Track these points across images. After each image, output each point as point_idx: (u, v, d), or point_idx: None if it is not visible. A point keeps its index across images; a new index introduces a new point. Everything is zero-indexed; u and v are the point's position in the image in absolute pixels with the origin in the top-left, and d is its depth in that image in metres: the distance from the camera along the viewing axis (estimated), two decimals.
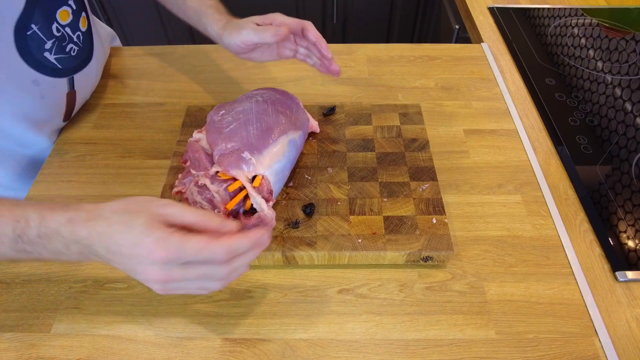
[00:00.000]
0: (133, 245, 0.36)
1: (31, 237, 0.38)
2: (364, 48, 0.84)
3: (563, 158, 0.65)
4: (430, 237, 0.52)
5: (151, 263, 0.36)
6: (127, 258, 0.37)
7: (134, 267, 0.37)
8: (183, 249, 0.36)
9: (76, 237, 0.38)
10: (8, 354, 0.47)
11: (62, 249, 0.38)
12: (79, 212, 0.38)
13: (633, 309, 0.50)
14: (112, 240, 0.37)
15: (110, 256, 0.38)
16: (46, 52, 0.59)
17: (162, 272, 0.37)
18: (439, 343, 0.48)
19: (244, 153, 0.51)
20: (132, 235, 0.36)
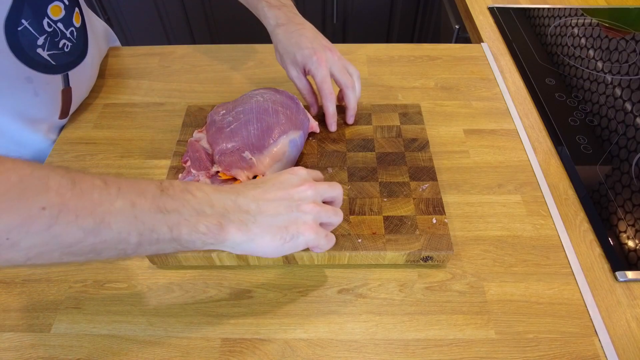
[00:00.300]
0: (281, 173, 0.43)
1: (177, 191, 0.37)
2: (364, 48, 0.84)
3: (563, 158, 0.65)
4: (430, 237, 0.52)
5: (298, 177, 0.43)
6: (278, 185, 0.42)
7: (287, 190, 0.42)
8: (306, 170, 0.45)
9: (220, 193, 0.39)
10: (8, 354, 0.47)
11: (205, 206, 0.37)
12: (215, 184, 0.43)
13: (633, 309, 0.50)
14: (260, 182, 0.42)
15: (260, 195, 0.41)
16: (39, 49, 0.58)
17: (308, 180, 0.44)
18: (439, 343, 0.48)
19: (244, 153, 0.52)
20: (286, 174, 0.44)
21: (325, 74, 0.59)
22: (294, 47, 0.60)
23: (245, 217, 0.39)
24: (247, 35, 1.68)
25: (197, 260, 0.52)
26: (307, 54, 0.59)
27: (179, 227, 0.36)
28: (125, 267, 0.53)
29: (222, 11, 1.62)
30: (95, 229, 0.33)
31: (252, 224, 0.39)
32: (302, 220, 0.41)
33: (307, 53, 0.59)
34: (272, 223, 0.40)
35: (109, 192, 0.33)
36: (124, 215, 0.34)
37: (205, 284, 0.52)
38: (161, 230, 0.35)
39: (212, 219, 0.37)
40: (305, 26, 0.62)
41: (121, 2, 1.56)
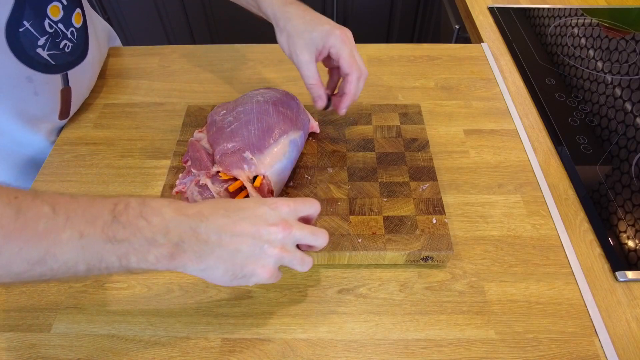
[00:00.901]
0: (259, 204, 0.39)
1: (130, 217, 0.35)
2: (364, 48, 0.84)
3: (563, 158, 0.65)
4: (430, 237, 0.52)
5: (277, 214, 0.39)
6: (250, 219, 0.38)
7: (257, 227, 0.38)
8: (302, 200, 0.41)
9: (181, 217, 0.36)
10: (8, 354, 0.47)
11: (159, 236, 0.35)
12: (180, 201, 0.39)
13: (633, 309, 0.50)
14: (232, 209, 0.38)
15: (225, 228, 0.37)
16: (39, 49, 0.58)
17: (286, 221, 0.39)
18: (439, 343, 0.48)
19: (245, 153, 0.51)
20: (252, 199, 0.41)
21: (352, 50, 0.54)
22: (310, 25, 0.54)
23: (201, 247, 0.37)
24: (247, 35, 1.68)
25: None
26: (327, 30, 0.53)
27: (127, 256, 0.35)
28: None
29: (222, 11, 1.62)
30: (40, 261, 0.32)
31: (208, 256, 0.37)
32: (261, 262, 0.39)
33: (327, 29, 0.53)
34: (229, 258, 0.38)
35: (57, 222, 0.32)
36: (71, 247, 0.33)
37: (205, 284, 0.52)
38: (109, 260, 0.35)
39: (163, 248, 0.36)
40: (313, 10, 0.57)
41: (121, 2, 1.56)
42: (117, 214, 0.34)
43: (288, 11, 0.54)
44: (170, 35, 1.69)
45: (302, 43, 0.54)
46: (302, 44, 0.54)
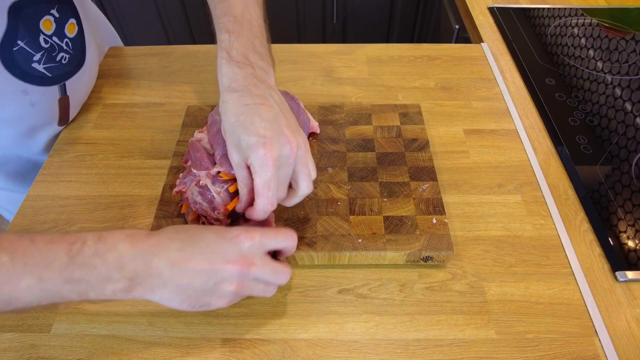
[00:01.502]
0: (219, 237, 0.38)
1: (86, 257, 0.36)
2: (364, 48, 0.84)
3: (563, 158, 0.65)
4: (430, 237, 0.52)
5: (237, 250, 0.38)
6: (206, 254, 0.38)
7: (212, 264, 0.38)
8: (264, 232, 0.39)
9: (136, 251, 0.37)
10: (8, 354, 0.47)
11: (114, 272, 0.36)
12: (139, 230, 0.39)
13: (633, 309, 0.50)
14: (189, 241, 0.38)
15: (178, 263, 0.37)
16: (35, 64, 0.57)
17: (245, 258, 0.38)
18: (439, 343, 0.48)
19: None
20: (215, 230, 0.39)
21: (268, 179, 0.43)
22: (241, 128, 0.43)
23: (155, 281, 0.37)
24: None
25: None
26: (253, 143, 0.42)
27: (86, 293, 0.37)
28: None
29: None
30: (6, 303, 0.35)
31: (162, 288, 0.38)
32: (217, 295, 0.39)
33: (253, 142, 0.42)
34: (183, 291, 0.38)
35: (15, 269, 0.34)
36: (32, 291, 0.35)
37: None
38: (70, 296, 0.37)
39: (119, 283, 0.37)
40: (268, 101, 0.45)
41: (121, 2, 1.56)
42: (73, 254, 0.36)
43: (226, 101, 0.45)
44: (170, 35, 1.69)
45: (232, 143, 0.45)
46: (231, 144, 0.45)
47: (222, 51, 0.47)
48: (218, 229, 0.40)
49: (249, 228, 0.41)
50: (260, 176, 0.43)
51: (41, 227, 0.57)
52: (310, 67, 0.80)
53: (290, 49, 0.83)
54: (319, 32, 1.69)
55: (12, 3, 0.53)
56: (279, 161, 0.43)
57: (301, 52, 0.83)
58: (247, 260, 0.39)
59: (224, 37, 0.48)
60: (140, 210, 0.58)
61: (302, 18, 1.63)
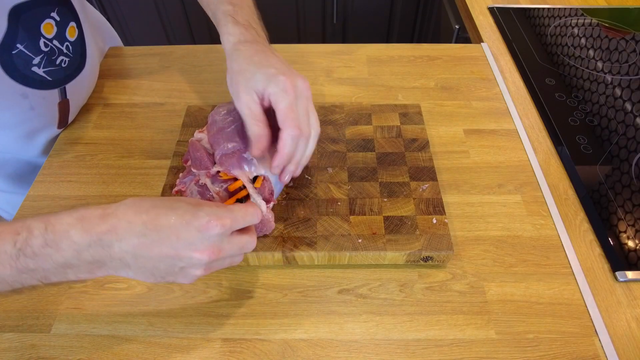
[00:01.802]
0: (185, 223, 0.35)
1: (35, 248, 0.34)
2: (364, 48, 0.84)
3: (563, 158, 0.65)
4: (430, 237, 0.52)
5: (205, 238, 0.36)
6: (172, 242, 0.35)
7: (178, 252, 0.36)
8: (234, 217, 0.37)
9: (92, 237, 0.34)
10: (8, 354, 0.47)
11: (71, 259, 0.35)
12: (91, 210, 0.36)
13: (633, 309, 0.50)
14: (151, 226, 0.35)
15: (140, 250, 0.35)
16: (34, 67, 0.57)
17: (214, 246, 0.36)
18: (439, 343, 0.48)
19: (245, 153, 0.51)
20: (180, 213, 0.35)
21: (292, 102, 0.45)
22: (256, 66, 0.46)
23: (117, 264, 0.36)
24: None
25: None
26: (271, 73, 0.45)
27: (47, 278, 0.35)
28: None
29: None
30: None
31: (126, 268, 0.37)
32: (183, 275, 0.38)
33: (272, 72, 0.45)
34: (148, 271, 0.37)
35: None
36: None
37: (205, 284, 0.52)
38: (32, 282, 0.35)
39: (79, 268, 0.35)
40: (273, 52, 0.49)
41: (121, 2, 1.56)
42: (20, 246, 0.34)
43: (238, 49, 0.48)
44: (170, 35, 1.69)
45: (244, 82, 0.46)
46: (243, 82, 0.46)
47: (227, 17, 0.51)
48: (183, 211, 0.36)
49: (218, 211, 0.37)
50: (283, 100, 0.44)
51: None
52: (310, 67, 0.80)
53: (290, 49, 0.83)
54: (319, 32, 1.69)
55: (13, 6, 0.53)
56: (296, 90, 0.45)
57: (301, 52, 0.83)
58: (216, 247, 0.37)
59: (227, 9, 0.52)
60: None
61: (302, 18, 1.63)
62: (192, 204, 0.38)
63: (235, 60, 0.48)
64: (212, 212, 0.37)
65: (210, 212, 0.37)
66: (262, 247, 0.51)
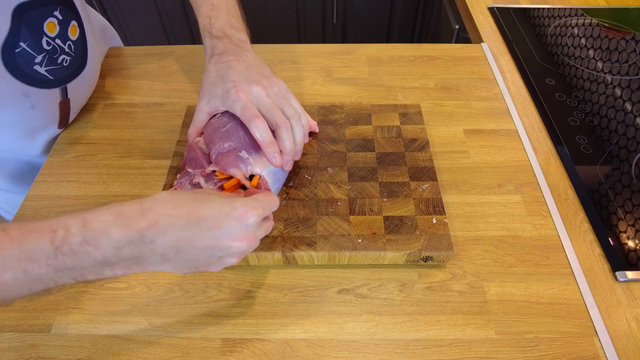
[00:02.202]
0: (225, 214, 0.37)
1: (74, 246, 0.33)
2: (364, 48, 0.84)
3: (563, 158, 0.65)
4: (430, 237, 0.52)
5: (244, 227, 0.38)
6: (213, 232, 0.36)
7: (219, 242, 0.37)
8: (264, 205, 0.40)
9: (133, 233, 0.34)
10: (8, 354, 0.47)
11: (111, 256, 0.34)
12: (128, 206, 0.35)
13: (633, 309, 0.50)
14: (194, 219, 0.36)
15: (184, 242, 0.36)
16: (36, 66, 0.57)
17: (251, 234, 0.39)
18: (439, 343, 0.48)
19: (241, 152, 0.51)
20: (218, 205, 0.37)
21: (246, 104, 0.49)
22: (217, 80, 0.51)
23: (157, 258, 0.36)
24: None
25: None
26: (227, 88, 0.50)
27: (83, 276, 0.35)
28: None
29: None
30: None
31: (165, 263, 0.37)
32: (217, 265, 0.40)
33: (227, 87, 0.50)
34: (185, 263, 0.38)
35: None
36: (19, 283, 0.33)
37: (205, 284, 0.52)
38: (65, 281, 0.35)
39: (118, 266, 0.36)
40: (242, 57, 0.53)
41: (121, 2, 1.56)
42: (58, 244, 0.33)
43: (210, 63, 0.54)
44: (170, 35, 1.69)
45: (206, 93, 0.53)
46: (205, 94, 0.53)
47: (204, 32, 0.57)
48: (220, 204, 0.38)
49: (250, 201, 0.40)
50: (237, 107, 0.49)
51: None
52: (310, 67, 0.80)
53: (290, 49, 0.83)
54: (319, 32, 1.69)
55: (16, 5, 0.53)
56: (251, 96, 0.49)
57: (301, 52, 0.83)
58: (252, 235, 0.40)
59: (205, 22, 0.57)
60: None
61: (302, 18, 1.63)
62: (223, 196, 0.41)
63: (206, 74, 0.54)
64: (246, 203, 0.39)
65: (244, 202, 0.39)
66: (262, 247, 0.51)
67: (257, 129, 0.48)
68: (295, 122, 0.51)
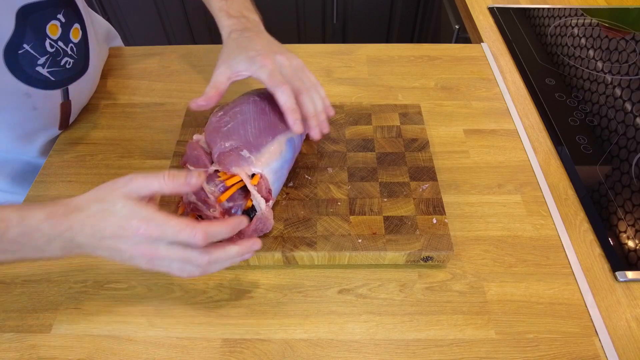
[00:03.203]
0: (119, 227, 0.39)
1: (12, 236, 0.39)
2: (364, 48, 0.84)
3: (563, 158, 0.65)
4: (430, 237, 0.52)
5: (137, 241, 0.39)
6: (112, 241, 0.40)
7: (119, 247, 0.40)
8: (164, 229, 0.39)
9: (57, 231, 0.39)
10: (8, 354, 0.47)
11: (43, 246, 0.40)
12: (57, 207, 0.40)
13: (633, 309, 0.50)
14: (96, 228, 0.39)
15: (94, 242, 0.40)
16: (39, 67, 0.57)
17: (148, 248, 0.40)
18: (439, 343, 0.48)
19: (242, 151, 0.52)
20: (116, 219, 0.39)
21: (273, 71, 0.51)
22: (239, 50, 0.53)
23: (87, 249, 0.41)
24: None
25: None
26: (251, 56, 0.52)
27: (27, 257, 0.41)
28: (125, 268, 0.53)
29: None
30: None
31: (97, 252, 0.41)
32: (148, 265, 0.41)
33: (251, 55, 0.52)
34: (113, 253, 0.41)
35: None
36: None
37: (205, 284, 0.52)
38: (11, 258, 0.41)
39: (55, 251, 0.40)
40: (261, 35, 0.56)
41: (121, 2, 1.56)
42: (1, 233, 0.39)
43: (230, 37, 0.55)
44: (170, 35, 1.69)
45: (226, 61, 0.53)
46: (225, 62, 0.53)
47: (221, 11, 0.58)
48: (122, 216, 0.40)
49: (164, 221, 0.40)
50: (263, 73, 0.51)
51: None
52: (310, 67, 0.79)
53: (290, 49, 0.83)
54: (319, 32, 1.69)
55: (20, 7, 0.53)
56: (275, 62, 0.52)
57: (301, 52, 0.83)
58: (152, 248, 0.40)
59: (220, 4, 0.58)
60: None
61: (302, 18, 1.63)
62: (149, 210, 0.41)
63: (226, 46, 0.55)
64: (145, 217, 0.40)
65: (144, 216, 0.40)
66: (262, 248, 0.51)
67: (283, 95, 0.51)
68: (314, 92, 0.54)
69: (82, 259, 0.54)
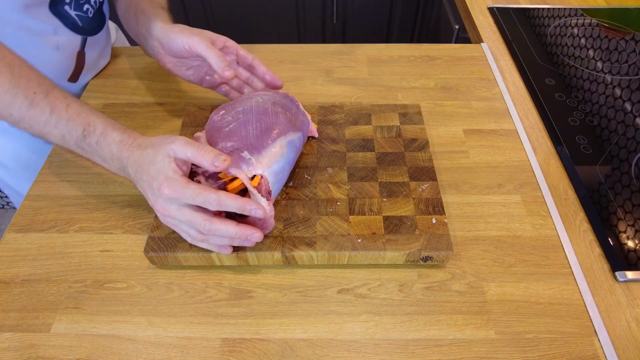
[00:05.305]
0: (151, 177, 0.46)
1: (91, 142, 0.49)
2: (364, 48, 0.84)
3: (563, 158, 0.65)
4: (430, 237, 0.52)
5: (158, 195, 0.46)
6: (145, 184, 0.47)
7: (147, 192, 0.48)
8: (183, 192, 0.45)
9: (119, 156, 0.49)
10: (8, 354, 0.47)
11: (107, 159, 0.49)
12: (129, 137, 0.49)
13: (633, 309, 0.50)
14: (140, 168, 0.47)
15: (136, 178, 0.48)
16: (66, 6, 0.64)
17: (163, 205, 0.46)
18: (439, 343, 0.48)
19: (243, 152, 0.52)
20: (153, 169, 0.46)
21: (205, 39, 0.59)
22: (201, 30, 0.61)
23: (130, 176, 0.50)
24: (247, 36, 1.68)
25: (197, 260, 0.52)
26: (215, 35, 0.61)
27: (93, 158, 0.50)
28: (125, 267, 0.53)
29: (222, 11, 1.62)
30: (40, 135, 0.50)
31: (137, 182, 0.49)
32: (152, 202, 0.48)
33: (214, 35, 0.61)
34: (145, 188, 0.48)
35: (50, 123, 0.49)
36: (57, 140, 0.50)
37: (205, 284, 0.52)
38: (86, 155, 0.51)
39: (112, 167, 0.50)
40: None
41: None
42: (85, 134, 0.49)
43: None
44: None
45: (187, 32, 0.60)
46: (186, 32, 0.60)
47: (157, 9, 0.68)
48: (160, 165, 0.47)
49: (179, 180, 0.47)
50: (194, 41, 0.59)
51: (41, 227, 0.57)
52: (310, 67, 0.80)
53: (290, 49, 0.83)
54: (319, 32, 1.69)
55: None
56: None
57: (301, 52, 0.83)
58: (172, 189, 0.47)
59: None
60: (140, 211, 0.59)
61: (302, 18, 1.63)
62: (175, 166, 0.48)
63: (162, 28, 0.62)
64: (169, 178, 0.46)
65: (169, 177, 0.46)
66: (261, 247, 0.51)
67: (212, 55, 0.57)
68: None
69: (81, 258, 0.54)
